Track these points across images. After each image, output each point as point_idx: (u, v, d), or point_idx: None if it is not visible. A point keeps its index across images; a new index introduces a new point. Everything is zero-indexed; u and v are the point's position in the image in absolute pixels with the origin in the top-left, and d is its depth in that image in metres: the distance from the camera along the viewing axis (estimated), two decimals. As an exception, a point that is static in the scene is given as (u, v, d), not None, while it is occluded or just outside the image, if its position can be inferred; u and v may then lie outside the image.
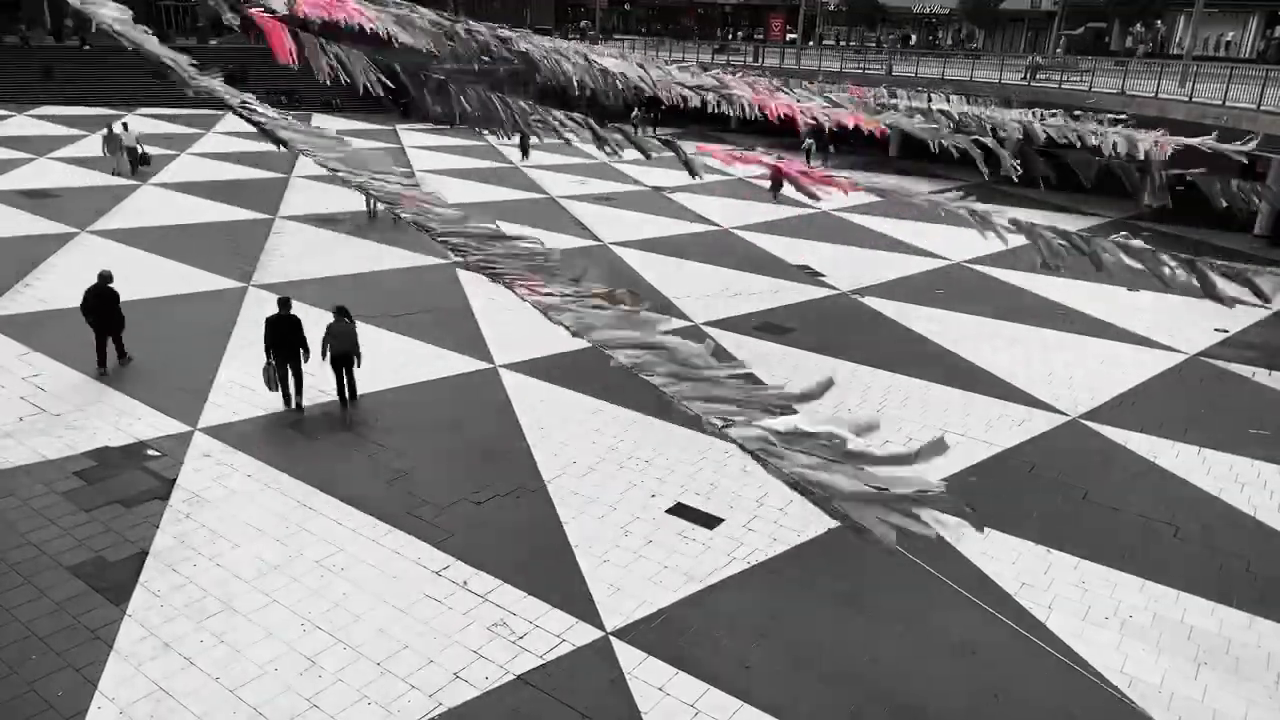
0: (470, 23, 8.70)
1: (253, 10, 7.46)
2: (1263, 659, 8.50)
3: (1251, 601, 9.32)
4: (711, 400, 2.67)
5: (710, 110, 10.53)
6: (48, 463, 10.96)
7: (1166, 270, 6.36)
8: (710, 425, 2.59)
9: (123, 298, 13.72)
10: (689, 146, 10.27)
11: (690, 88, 9.40)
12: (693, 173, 6.83)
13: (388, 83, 8.43)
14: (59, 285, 17.34)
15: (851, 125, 10.10)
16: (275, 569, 9.15)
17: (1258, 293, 5.98)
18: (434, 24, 7.94)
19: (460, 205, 4.25)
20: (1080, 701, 7.81)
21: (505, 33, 8.90)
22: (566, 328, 3.07)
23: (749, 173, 30.66)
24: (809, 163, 30.59)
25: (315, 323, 13.01)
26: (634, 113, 36.83)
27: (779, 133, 29.62)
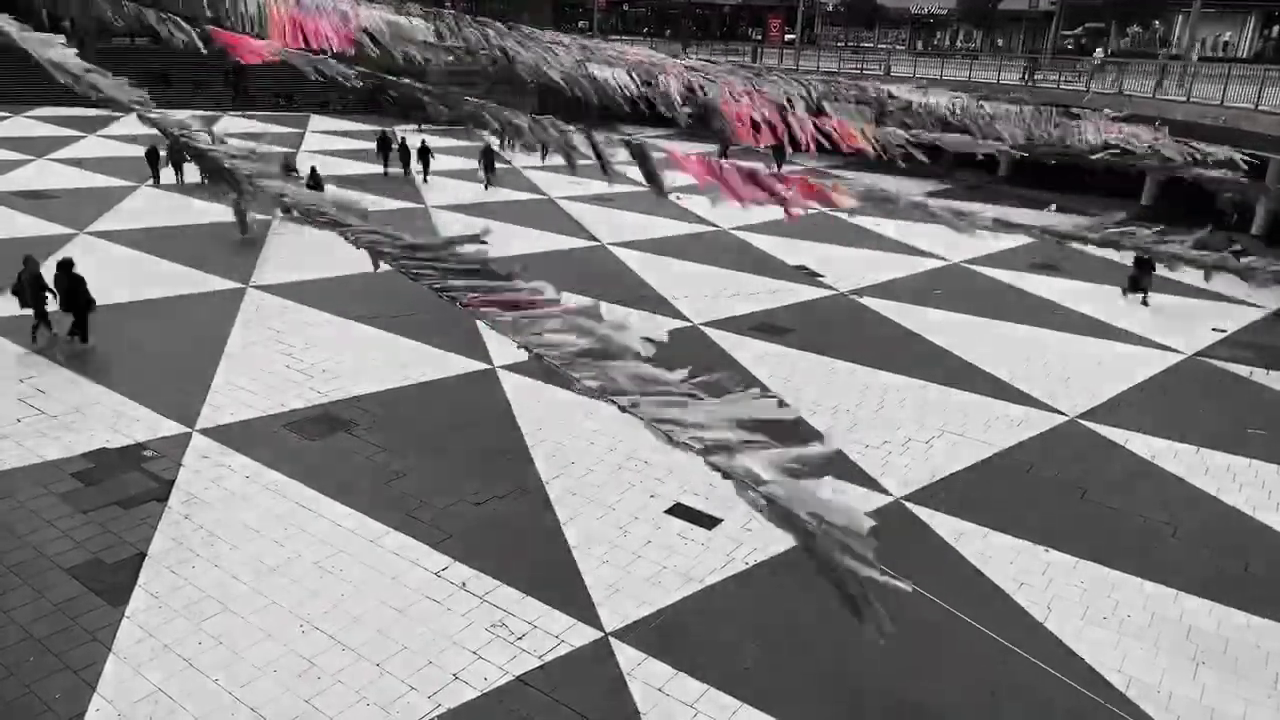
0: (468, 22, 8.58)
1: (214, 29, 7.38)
2: (1261, 658, 8.52)
3: (1249, 601, 9.33)
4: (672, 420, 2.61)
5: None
6: (45, 464, 10.94)
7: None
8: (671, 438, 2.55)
9: (121, 299, 13.72)
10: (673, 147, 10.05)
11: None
12: (659, 189, 5.84)
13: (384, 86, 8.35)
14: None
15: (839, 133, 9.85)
16: (274, 570, 9.15)
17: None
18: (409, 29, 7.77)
19: (458, 206, 4.21)
20: (1075, 700, 7.81)
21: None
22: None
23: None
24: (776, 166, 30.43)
25: (328, 331, 12.96)
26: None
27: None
